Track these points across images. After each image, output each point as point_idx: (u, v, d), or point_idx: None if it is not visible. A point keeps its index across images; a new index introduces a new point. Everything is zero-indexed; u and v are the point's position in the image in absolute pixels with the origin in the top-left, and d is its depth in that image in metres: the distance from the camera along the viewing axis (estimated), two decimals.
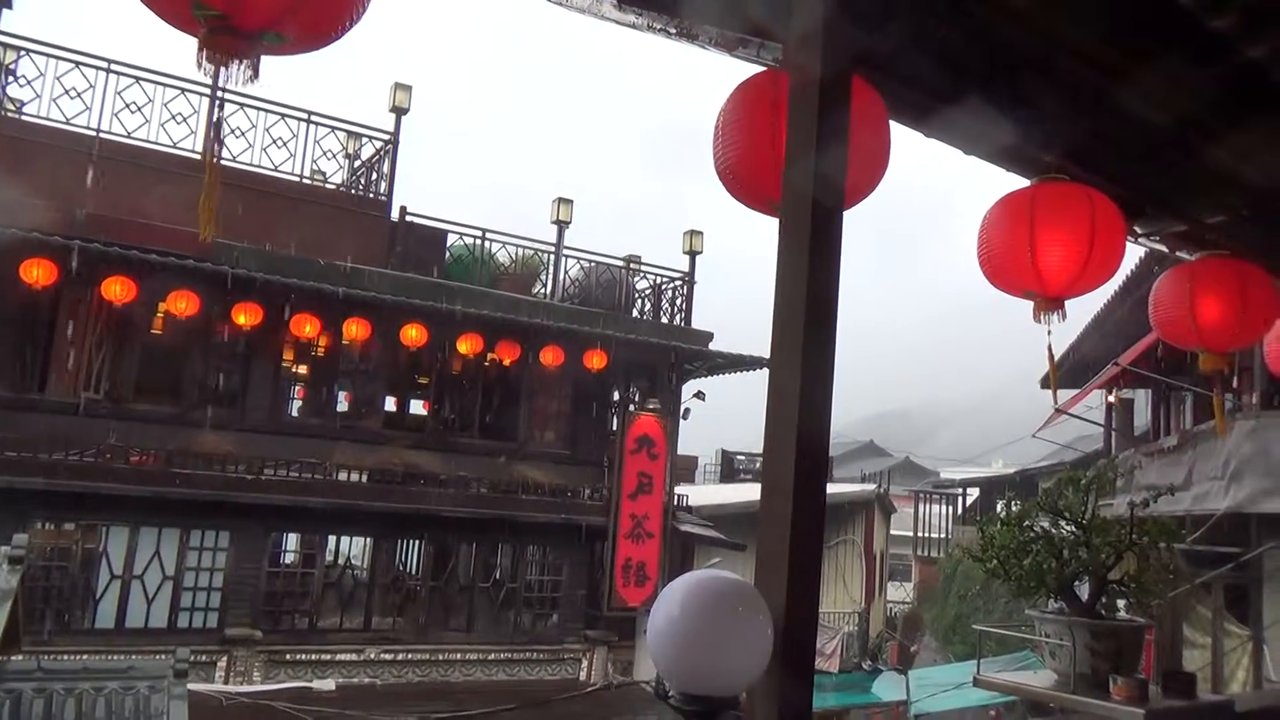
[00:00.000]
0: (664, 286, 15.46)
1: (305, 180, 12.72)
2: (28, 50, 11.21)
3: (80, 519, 10.74)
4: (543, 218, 14.81)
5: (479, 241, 13.89)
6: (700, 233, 15.60)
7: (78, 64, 11.33)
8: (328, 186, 13.51)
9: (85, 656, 8.78)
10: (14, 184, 10.29)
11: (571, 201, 14.83)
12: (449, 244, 13.81)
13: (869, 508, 25.68)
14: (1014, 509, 4.17)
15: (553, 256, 14.60)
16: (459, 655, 12.54)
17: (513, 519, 13.11)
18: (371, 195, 13.49)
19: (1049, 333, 3.52)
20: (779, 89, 2.90)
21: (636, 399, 14.99)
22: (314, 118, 12.68)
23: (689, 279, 15.42)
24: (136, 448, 10.98)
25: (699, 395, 15.58)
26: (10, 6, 11.05)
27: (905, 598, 31.71)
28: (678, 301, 15.41)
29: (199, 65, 2.07)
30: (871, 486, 28.35)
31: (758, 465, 30.08)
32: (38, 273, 10.08)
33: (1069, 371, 16.51)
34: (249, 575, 11.45)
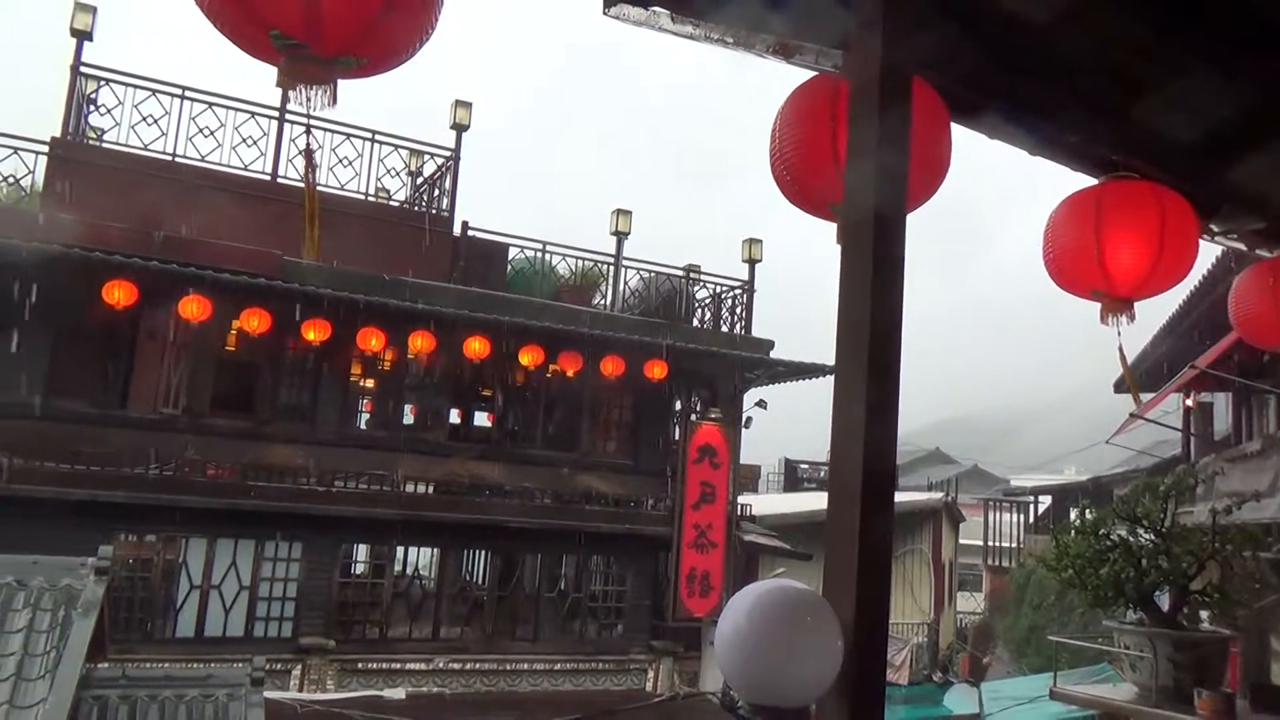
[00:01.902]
0: (723, 295, 15.43)
1: (370, 198, 13.01)
2: (107, 80, 11.68)
3: (161, 531, 11.10)
4: (587, 230, 14.91)
5: (539, 254, 14.03)
6: (759, 241, 15.54)
7: (154, 91, 11.76)
8: (392, 204, 13.79)
9: (167, 664, 9.07)
10: (96, 209, 10.72)
11: (630, 212, 14.90)
12: (510, 257, 13.98)
13: (936, 516, 25.22)
14: (1089, 517, 4.07)
15: (612, 268, 14.68)
16: (525, 665, 12.64)
17: (577, 529, 13.17)
18: (434, 211, 13.73)
19: (1119, 334, 3.44)
20: (837, 93, 2.89)
21: (698, 408, 14.96)
22: (378, 137, 12.95)
23: (748, 287, 15.35)
24: (213, 461, 11.32)
25: (761, 404, 15.50)
26: (91, 39, 11.55)
27: (976, 608, 31.02)
28: (737, 310, 15.36)
29: (282, 93, 2.15)
30: (938, 495, 27.83)
31: (822, 474, 29.79)
32: (119, 294, 10.46)
33: (1144, 375, 16.01)
34: (321, 585, 11.71)
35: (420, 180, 14.47)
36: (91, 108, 11.83)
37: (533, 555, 13.60)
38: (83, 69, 11.51)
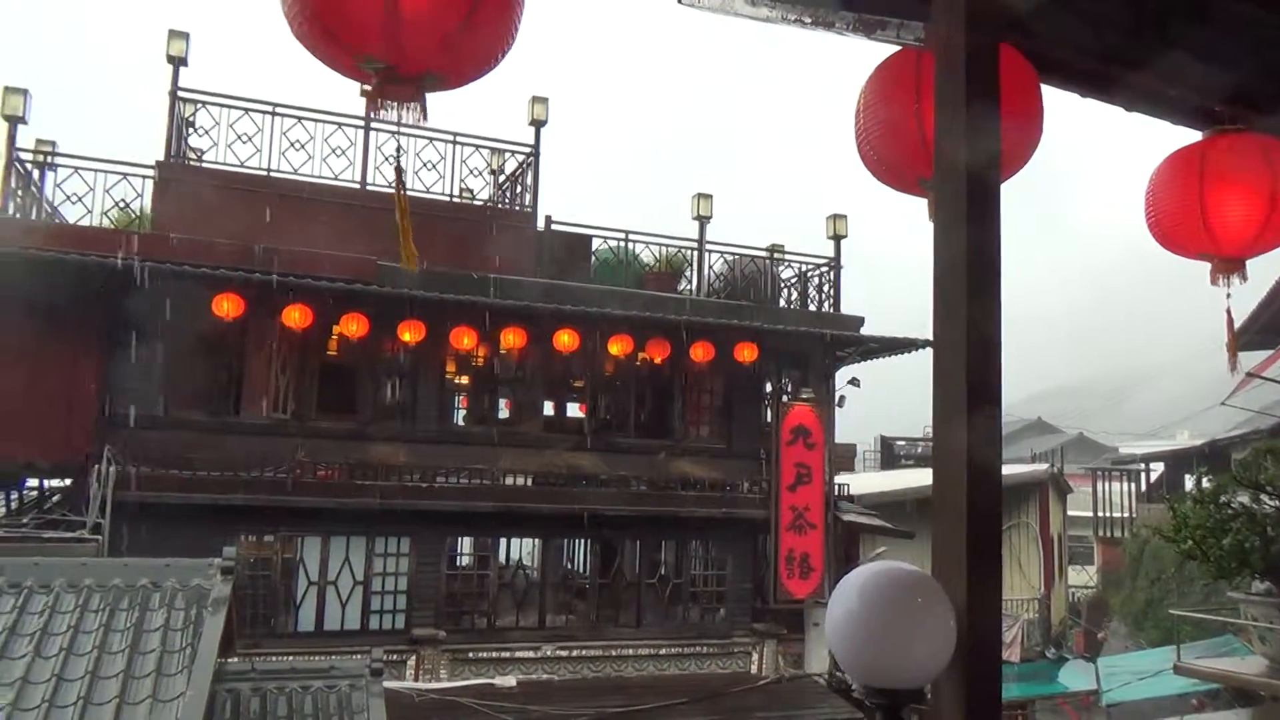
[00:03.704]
0: (809, 273, 15.25)
1: (455, 199, 13.27)
2: (203, 103, 12.19)
3: (278, 531, 11.62)
4: (670, 216, 14.88)
5: (622, 243, 14.11)
6: (844, 216, 15.29)
7: (246, 110, 12.21)
8: (476, 203, 14.05)
9: (290, 658, 9.49)
10: (201, 226, 11.23)
11: (710, 196, 14.84)
12: (594, 248, 14.09)
13: (1042, 488, 24.47)
14: (1207, 484, 3.91)
15: (695, 252, 14.66)
16: (630, 650, 12.81)
17: (674, 515, 13.26)
18: (518, 208, 13.93)
19: (1228, 296, 3.29)
20: (921, 67, 2.85)
21: (789, 389, 14.85)
22: (459, 138, 13.19)
23: (835, 264, 15.13)
24: (322, 462, 11.78)
25: (853, 382, 15.30)
26: (186, 64, 12.07)
27: (1088, 582, 30.02)
28: (825, 288, 15.16)
29: (373, 111, 2.25)
30: (1044, 466, 26.99)
31: (920, 450, 29.21)
32: (227, 306, 10.95)
33: (1262, 331, 15.21)
34: (430, 578, 12.08)
35: (502, 178, 14.70)
36: (190, 130, 12.37)
37: (631, 542, 13.74)
38: (180, 93, 12.03)
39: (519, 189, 14.13)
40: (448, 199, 13.10)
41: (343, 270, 11.44)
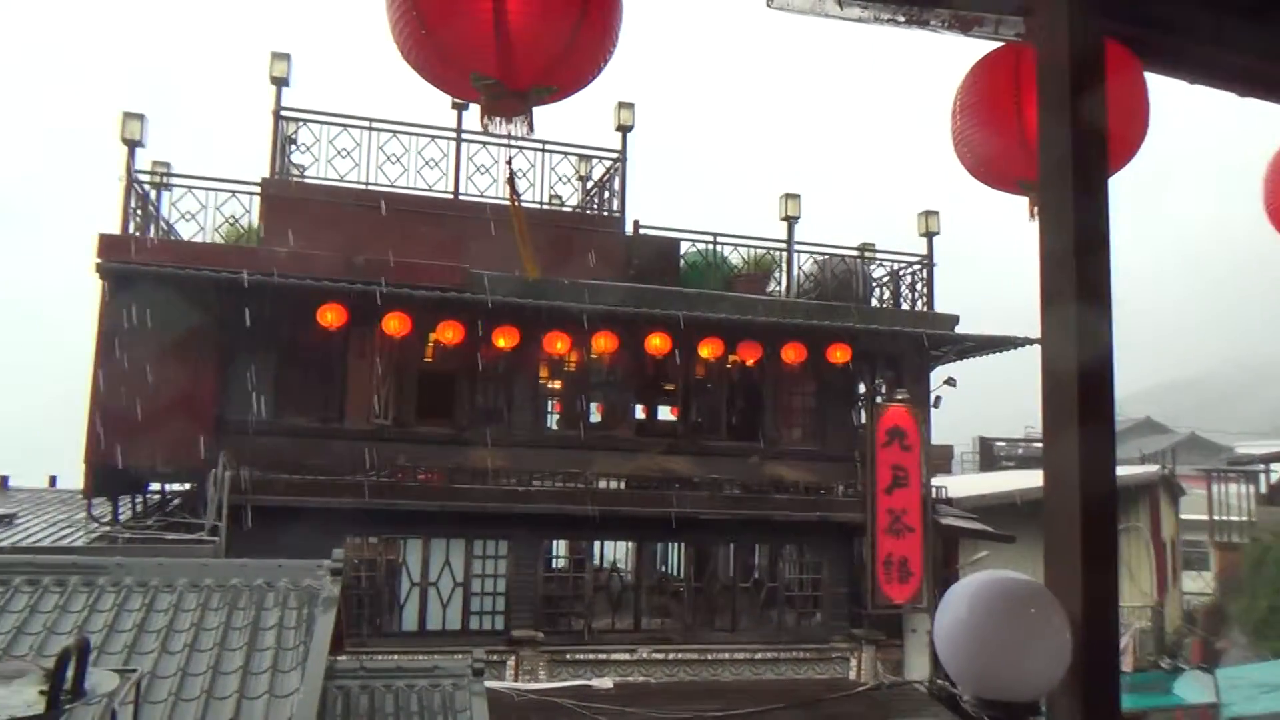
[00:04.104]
0: (901, 272, 14.97)
1: (544, 206, 13.48)
2: (304, 121, 12.68)
3: (381, 533, 11.99)
4: (757, 218, 14.78)
5: (711, 246, 14.10)
6: (936, 213, 14.97)
7: (345, 127, 12.64)
8: (565, 209, 14.23)
9: (395, 656, 9.79)
10: (304, 239, 11.67)
11: (798, 196, 14.70)
12: (682, 252, 14.12)
13: (1153, 491, 23.45)
14: None
15: (784, 253, 14.54)
16: (726, 655, 12.78)
17: (767, 518, 13.17)
18: (606, 213, 14.06)
19: None
20: (1020, 63, 2.79)
21: (883, 390, 14.59)
22: (548, 146, 13.38)
23: (928, 261, 14.82)
24: (422, 466, 12.11)
25: (950, 381, 14.92)
26: (288, 84, 12.57)
27: (1205, 589, 28.61)
28: (918, 286, 14.86)
29: (483, 125, 2.33)
30: (1154, 467, 25.85)
31: (1020, 451, 28.34)
32: (330, 316, 11.36)
33: None
34: (527, 580, 12.30)
35: (590, 184, 14.87)
36: (292, 147, 12.88)
37: (725, 546, 13.71)
38: (282, 112, 12.54)
39: (607, 194, 14.27)
40: (538, 206, 13.31)
41: (437, 279, 11.74)
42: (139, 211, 11.74)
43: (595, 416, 14.21)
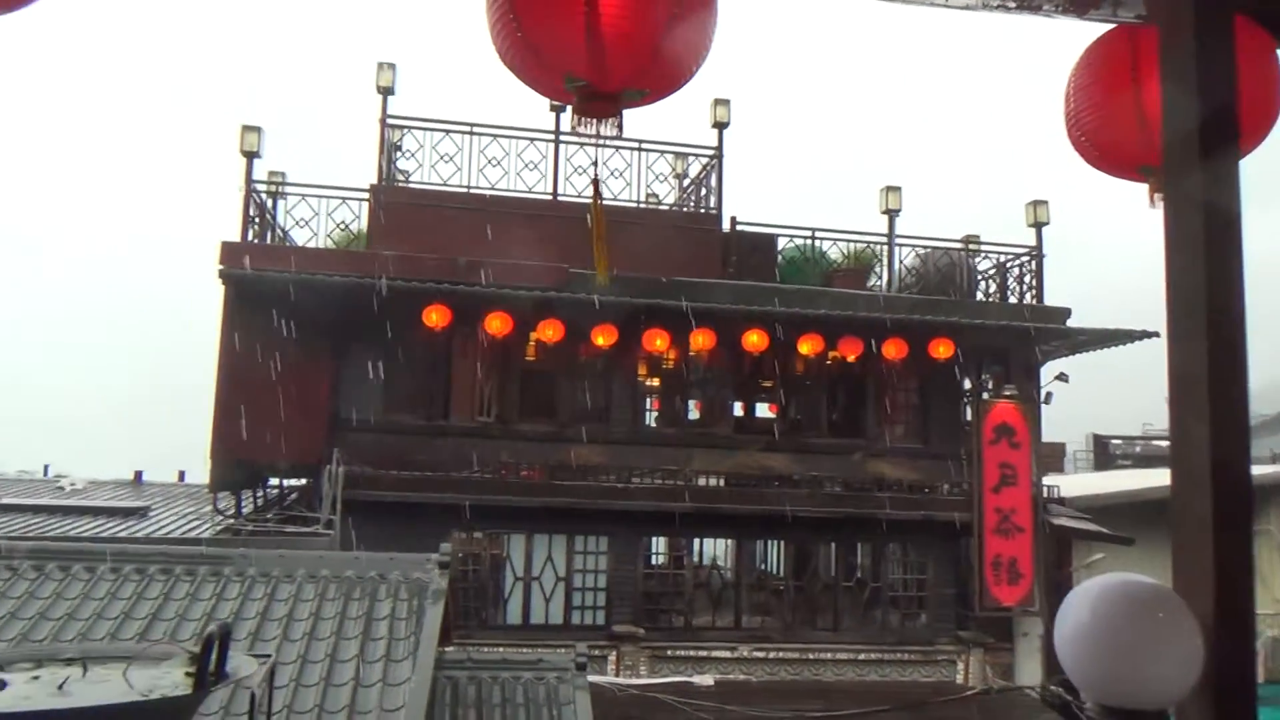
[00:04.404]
0: (1009, 264, 14.49)
1: (641, 205, 13.55)
2: (409, 128, 13.06)
3: (486, 528, 12.27)
4: (856, 212, 14.52)
5: (809, 241, 13.93)
6: (1045, 202, 14.42)
7: (447, 132, 12.98)
8: (661, 208, 14.28)
9: (500, 649, 10.02)
10: (410, 243, 12.03)
11: (899, 189, 14.39)
12: (780, 247, 13.99)
13: None
14: None
15: (885, 247, 14.26)
16: (829, 654, 12.62)
17: (869, 516, 12.95)
18: (703, 210, 14.05)
19: None
20: (1139, 44, 2.69)
21: (990, 386, 14.17)
22: (644, 145, 13.44)
23: (1037, 253, 14.29)
24: (524, 463, 12.35)
25: (1061, 377, 14.37)
26: (394, 93, 12.97)
27: None
28: (1026, 278, 14.36)
29: (574, 127, 2.38)
30: None
31: (1138, 449, 27.08)
32: (435, 317, 11.69)
33: None
34: (627, 576, 12.40)
35: (687, 181, 14.87)
36: (398, 153, 13.29)
37: (826, 544, 13.55)
38: (388, 120, 12.95)
39: (704, 191, 14.25)
40: (635, 205, 13.39)
41: (538, 279, 11.94)
42: (257, 220, 12.30)
43: (694, 414, 14.22)
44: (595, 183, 2.82)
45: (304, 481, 12.46)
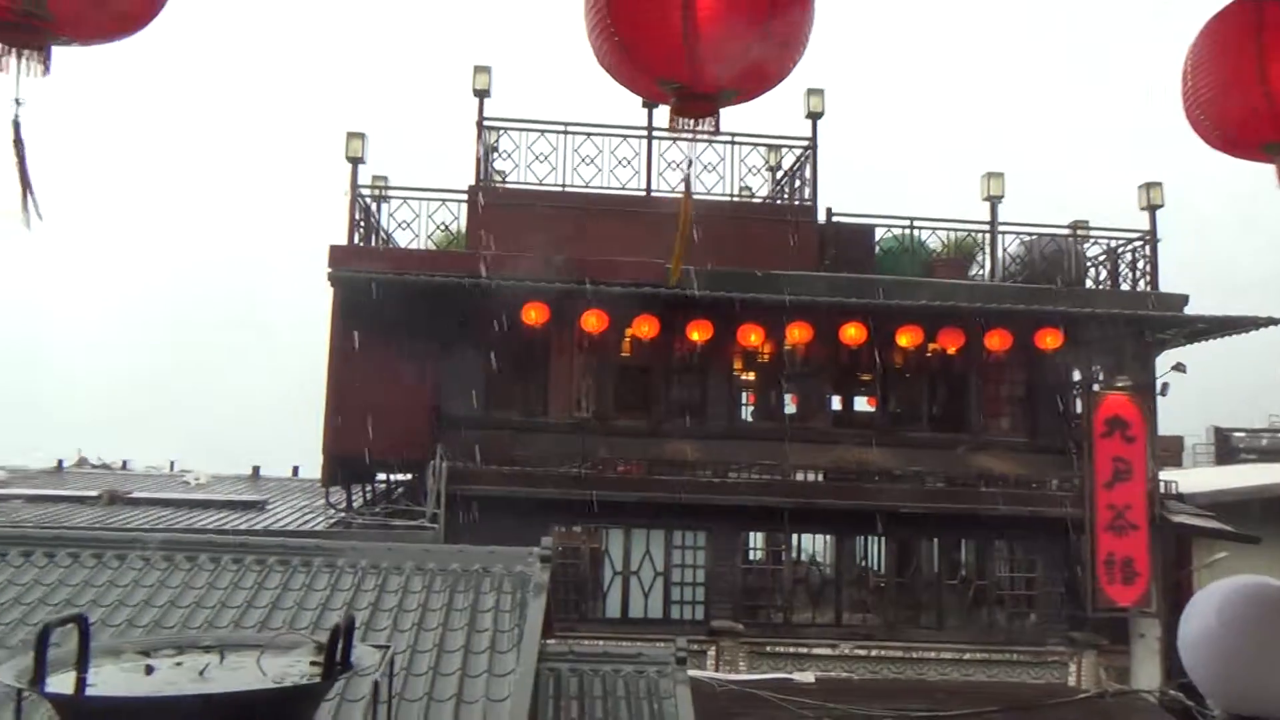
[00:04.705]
0: (1120, 249, 13.89)
1: (735, 199, 13.49)
2: (505, 129, 13.30)
3: (584, 523, 12.43)
4: (955, 199, 14.12)
5: (907, 231, 13.64)
6: (1159, 184, 13.75)
7: (542, 132, 13.17)
8: (755, 200, 14.18)
9: (601, 642, 10.13)
10: (507, 242, 12.26)
11: (1001, 175, 13.94)
12: (877, 238, 13.74)
13: None
14: None
15: (987, 235, 13.85)
16: (933, 654, 12.35)
17: (974, 512, 12.61)
18: (797, 202, 13.90)
19: None
20: (1262, 19, 2.57)
21: (1101, 377, 13.62)
22: (737, 138, 13.37)
23: (1151, 237, 13.65)
24: (621, 459, 12.47)
25: (1178, 367, 13.70)
26: (489, 96, 13.23)
27: None
28: (1139, 264, 13.74)
29: (671, 128, 2.41)
30: None
31: (1264, 443, 25.63)
32: (534, 314, 11.91)
33: None
34: (725, 571, 12.40)
35: (780, 174, 14.73)
36: (495, 154, 13.55)
37: (928, 540, 13.26)
38: (485, 122, 13.21)
39: (798, 183, 14.10)
40: (728, 199, 13.33)
41: (633, 275, 12.01)
42: (362, 223, 12.73)
43: (790, 408, 14.10)
44: (686, 181, 2.84)
45: (409, 476, 12.85)
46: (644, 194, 13.10)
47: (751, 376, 14.13)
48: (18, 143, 2.16)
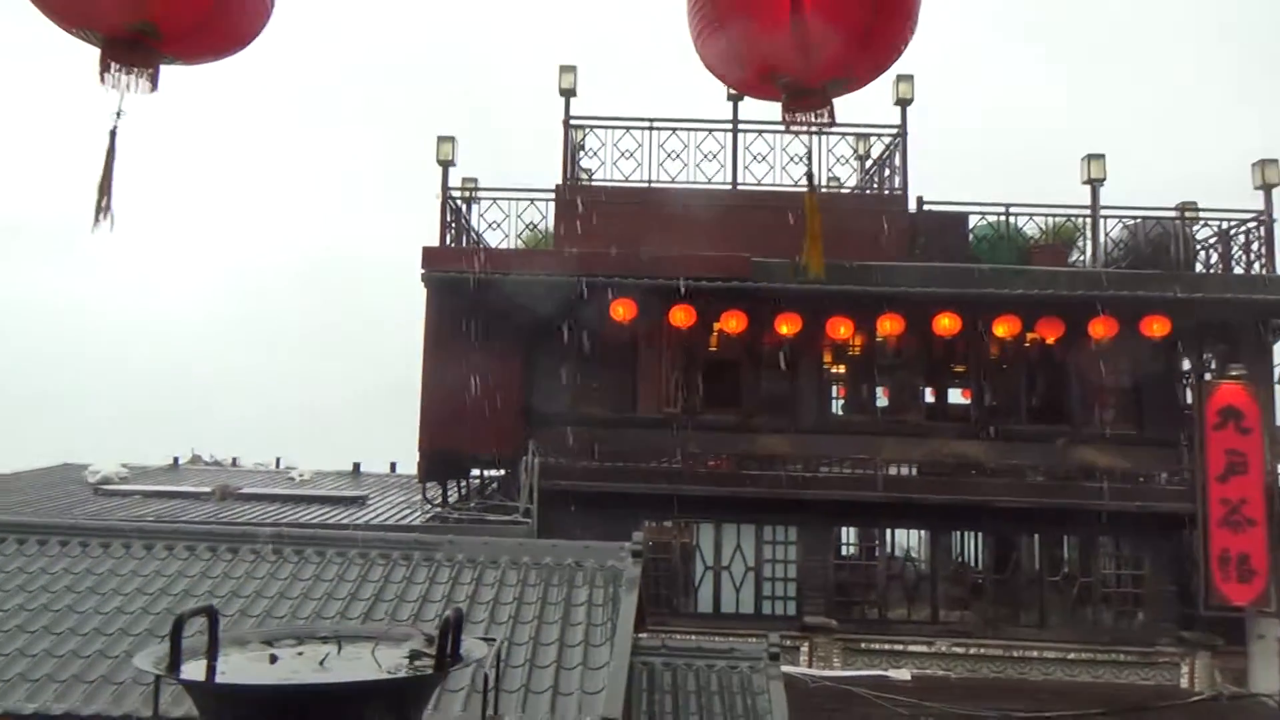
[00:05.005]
0: (1233, 231, 13.21)
1: (823, 189, 13.30)
2: (591, 127, 13.41)
3: (674, 518, 12.48)
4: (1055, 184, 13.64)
5: (1002, 217, 13.25)
6: (1275, 161, 13.02)
7: (628, 129, 13.23)
8: (844, 190, 13.97)
9: (693, 636, 10.16)
10: (595, 240, 12.37)
11: (1102, 156, 13.40)
12: (970, 225, 13.39)
13: None
14: None
15: (1088, 220, 13.34)
16: (1035, 653, 11.99)
17: (1077, 507, 12.20)
18: (887, 191, 13.64)
19: None
20: None
21: (1213, 366, 13.00)
22: (825, 128, 13.18)
23: (1266, 218, 12.94)
24: (710, 454, 12.46)
25: None
26: (575, 95, 13.36)
27: None
28: (1254, 246, 13.04)
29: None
30: None
31: None
32: (621, 311, 11.99)
33: None
34: (817, 567, 12.28)
35: (869, 163, 14.48)
36: (581, 153, 13.67)
37: (1028, 536, 12.88)
38: (571, 121, 13.35)
39: (888, 172, 13.84)
40: (817, 190, 13.16)
41: (720, 269, 11.98)
42: (453, 224, 13.01)
43: (882, 401, 13.86)
44: (810, 175, 2.83)
45: (502, 472, 13.09)
46: (730, 188, 13.05)
47: (842, 370, 13.94)
48: (109, 152, 2.29)
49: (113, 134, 2.30)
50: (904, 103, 13.16)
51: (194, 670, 1.64)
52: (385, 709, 1.62)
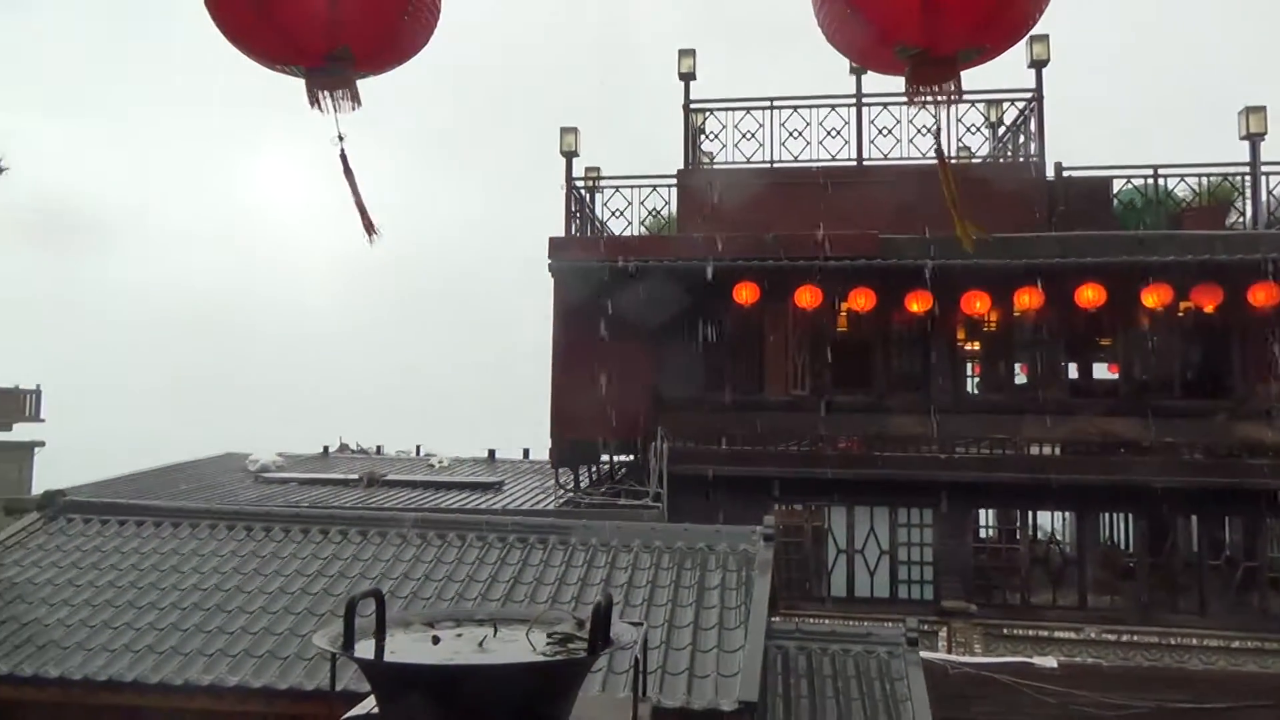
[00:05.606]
0: None
1: (953, 160, 12.84)
2: (711, 110, 13.36)
3: (805, 501, 12.35)
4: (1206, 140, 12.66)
5: (1150, 180, 12.47)
6: None
7: (748, 110, 13.12)
8: (975, 161, 13.45)
9: (827, 621, 10.07)
10: (717, 223, 12.33)
11: (1263, 109, 12.43)
12: (1115, 190, 12.67)
13: None
14: None
15: (1247, 178, 12.42)
16: (1194, 641, 11.31)
17: (1239, 487, 11.43)
18: (1022, 159, 13.07)
19: None
20: None
21: None
22: (952, 96, 12.70)
23: None
24: (841, 435, 12.26)
25: None
26: (695, 78, 13.31)
27: None
28: None
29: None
30: None
31: None
32: (745, 293, 11.91)
33: None
34: (955, 550, 11.92)
35: (1002, 130, 13.88)
36: (702, 136, 13.63)
37: (1185, 518, 12.15)
38: (691, 105, 13.32)
39: (1022, 139, 13.24)
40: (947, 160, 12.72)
41: (848, 247, 11.75)
42: (578, 214, 13.21)
43: (1021, 378, 13.33)
44: (939, 149, 2.75)
45: (631, 457, 13.26)
46: (855, 164, 12.77)
47: (977, 346, 13.47)
48: (348, 172, 2.45)
49: (343, 155, 2.46)
50: (1039, 64, 12.56)
51: (365, 649, 1.75)
52: (541, 689, 1.69)
